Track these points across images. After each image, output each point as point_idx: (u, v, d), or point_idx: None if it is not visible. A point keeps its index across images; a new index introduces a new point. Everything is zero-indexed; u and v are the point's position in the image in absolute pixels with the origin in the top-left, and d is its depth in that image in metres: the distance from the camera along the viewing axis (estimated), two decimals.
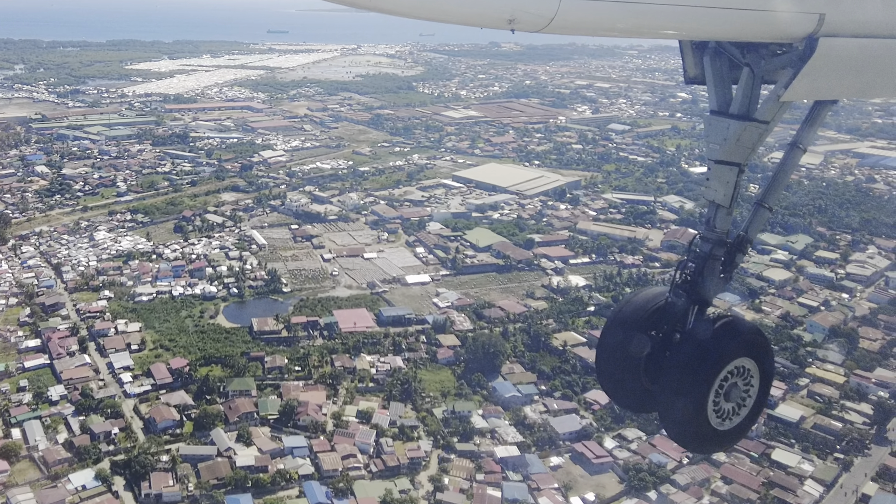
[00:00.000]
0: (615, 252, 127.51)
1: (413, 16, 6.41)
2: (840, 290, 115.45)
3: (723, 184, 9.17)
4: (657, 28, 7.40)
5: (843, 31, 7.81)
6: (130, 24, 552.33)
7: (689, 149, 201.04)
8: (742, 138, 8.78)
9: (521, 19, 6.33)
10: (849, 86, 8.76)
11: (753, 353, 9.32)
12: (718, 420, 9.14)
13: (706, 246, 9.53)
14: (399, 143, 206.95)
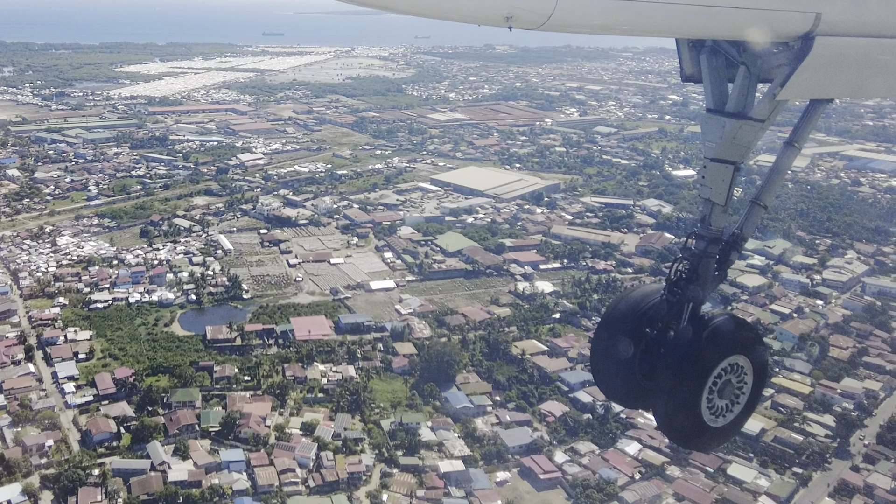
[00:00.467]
0: (588, 257, 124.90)
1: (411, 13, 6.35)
2: (815, 296, 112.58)
3: (718, 182, 9.12)
4: (654, 26, 7.37)
5: (840, 30, 7.78)
6: (127, 27, 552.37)
7: (675, 152, 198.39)
8: (738, 137, 8.74)
9: (518, 17, 6.28)
10: (845, 85, 8.65)
11: (747, 351, 9.32)
12: (712, 417, 9.15)
13: (701, 244, 9.50)
14: (381, 146, 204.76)
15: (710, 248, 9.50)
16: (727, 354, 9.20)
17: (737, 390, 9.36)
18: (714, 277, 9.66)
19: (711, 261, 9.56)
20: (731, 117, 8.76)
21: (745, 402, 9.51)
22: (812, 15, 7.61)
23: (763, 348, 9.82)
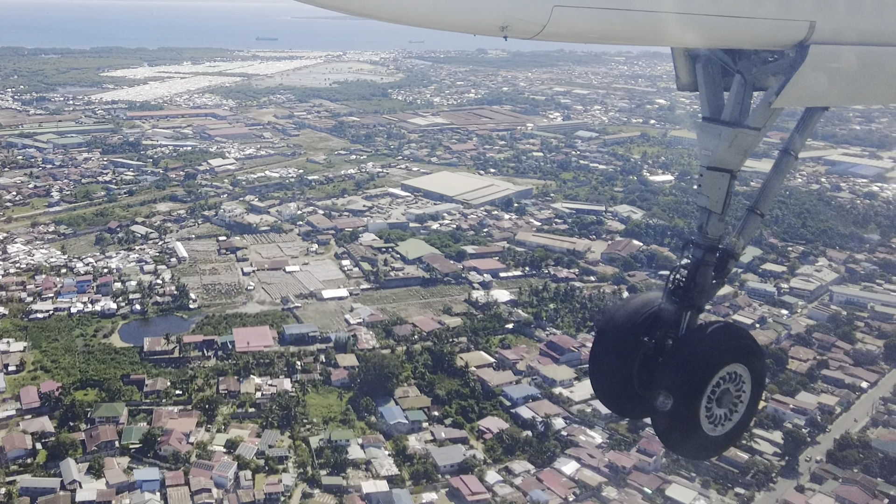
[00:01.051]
0: (550, 265, 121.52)
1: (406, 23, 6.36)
2: (780, 305, 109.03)
3: (714, 190, 9.19)
4: (649, 36, 7.43)
5: (834, 38, 7.83)
6: (121, 32, 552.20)
7: (655, 156, 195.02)
8: (734, 145, 8.77)
9: (513, 26, 6.35)
10: (840, 93, 8.55)
11: (745, 359, 9.22)
12: (711, 426, 9.03)
13: (698, 252, 9.49)
14: (357, 151, 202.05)
15: (707, 257, 9.44)
16: (725, 363, 9.06)
17: (735, 399, 9.23)
18: (712, 285, 9.57)
19: (709, 269, 9.50)
20: (728, 125, 8.72)
21: (744, 411, 9.37)
22: (806, 23, 7.59)
23: (761, 357, 9.67)
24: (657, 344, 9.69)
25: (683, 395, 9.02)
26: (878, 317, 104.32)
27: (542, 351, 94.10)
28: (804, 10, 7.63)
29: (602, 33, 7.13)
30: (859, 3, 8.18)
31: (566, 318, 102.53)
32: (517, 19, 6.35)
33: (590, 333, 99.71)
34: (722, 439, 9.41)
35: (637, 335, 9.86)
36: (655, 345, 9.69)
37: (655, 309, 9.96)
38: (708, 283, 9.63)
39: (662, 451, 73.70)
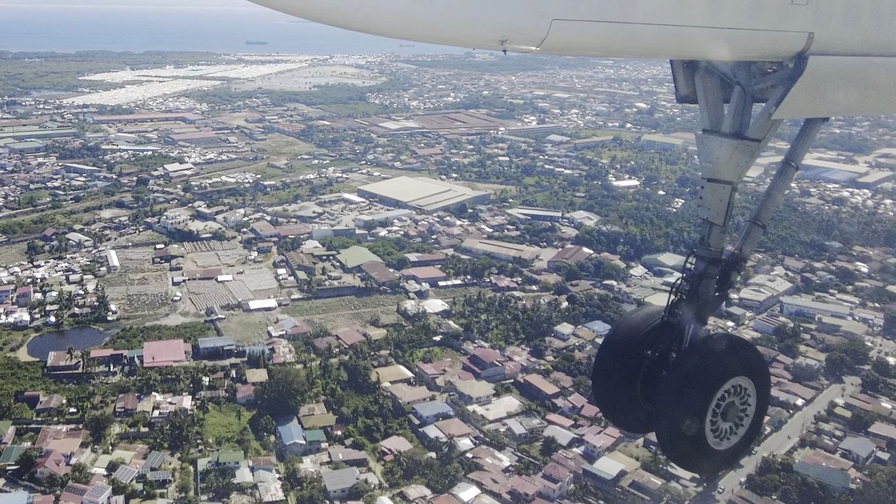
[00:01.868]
0: (494, 273, 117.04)
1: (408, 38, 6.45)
2: (726, 317, 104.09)
3: (716, 202, 9.10)
4: (648, 48, 7.51)
5: (833, 49, 7.86)
6: (114, 36, 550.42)
7: (624, 161, 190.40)
8: (734, 156, 8.75)
9: (513, 40, 6.38)
10: (839, 103, 8.58)
11: (750, 372, 9.12)
12: (716, 440, 8.94)
13: (701, 265, 9.43)
14: (322, 156, 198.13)
15: (709, 269, 9.37)
16: (730, 376, 8.92)
17: (740, 412, 9.08)
18: (715, 298, 9.46)
19: (712, 281, 9.40)
20: (728, 137, 8.72)
21: (750, 424, 9.19)
22: (805, 34, 7.63)
23: (765, 369, 9.52)
24: (661, 357, 9.58)
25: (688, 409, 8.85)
26: (826, 328, 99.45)
27: (464, 365, 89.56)
28: (802, 21, 7.59)
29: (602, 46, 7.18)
30: (857, 15, 8.09)
31: (496, 331, 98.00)
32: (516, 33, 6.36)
33: (519, 346, 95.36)
34: (727, 453, 9.21)
35: (640, 348, 9.79)
36: (659, 358, 9.58)
37: (658, 322, 9.87)
38: (711, 296, 9.50)
39: (569, 476, 69.20)
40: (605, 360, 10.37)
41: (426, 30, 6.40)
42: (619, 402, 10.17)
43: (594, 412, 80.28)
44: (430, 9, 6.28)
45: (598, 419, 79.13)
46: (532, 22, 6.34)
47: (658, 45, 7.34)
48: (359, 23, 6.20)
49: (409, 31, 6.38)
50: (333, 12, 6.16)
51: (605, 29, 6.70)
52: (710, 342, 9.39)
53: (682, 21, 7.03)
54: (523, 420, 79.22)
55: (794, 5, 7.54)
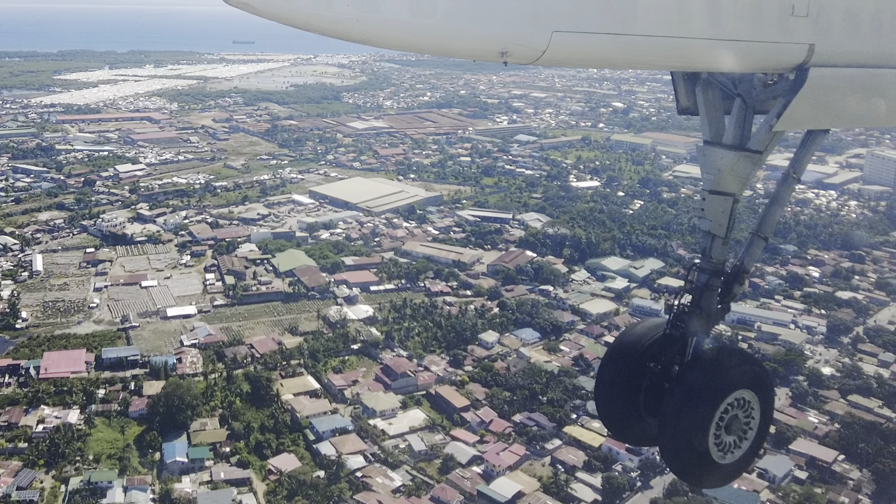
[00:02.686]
0: (428, 278, 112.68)
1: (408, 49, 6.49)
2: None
3: (718, 214, 9.10)
4: (649, 60, 7.56)
5: (834, 61, 7.89)
6: (102, 36, 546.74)
7: (589, 161, 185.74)
8: (736, 168, 8.79)
9: (513, 52, 6.38)
10: (840, 115, 8.67)
11: (753, 385, 9.10)
12: (720, 453, 8.89)
13: (703, 276, 9.40)
14: (282, 156, 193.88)
15: (712, 281, 9.33)
16: (733, 389, 8.91)
17: (744, 426, 9.07)
18: (717, 310, 9.44)
19: (714, 293, 9.39)
20: (729, 149, 8.77)
21: (754, 438, 9.15)
22: (805, 46, 7.67)
23: (769, 382, 9.50)
24: (664, 370, 9.46)
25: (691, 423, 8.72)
26: (764, 337, 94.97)
27: (376, 376, 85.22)
28: (803, 33, 7.57)
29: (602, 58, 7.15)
30: (857, 26, 8.07)
31: (418, 338, 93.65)
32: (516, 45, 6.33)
33: (439, 355, 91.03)
34: (731, 467, 9.03)
35: (643, 361, 9.67)
36: (662, 371, 9.47)
37: (661, 335, 9.69)
38: (713, 308, 9.37)
39: (458, 499, 64.80)
40: (607, 373, 10.27)
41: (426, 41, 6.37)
42: (622, 415, 10.10)
43: (502, 427, 76.04)
44: (430, 20, 6.23)
45: (506, 435, 74.86)
46: (532, 34, 6.34)
47: (659, 57, 7.34)
48: (358, 34, 6.15)
49: (409, 43, 6.39)
50: (333, 24, 6.10)
51: (606, 41, 6.67)
52: (713, 355, 9.35)
53: (682, 33, 6.99)
54: (425, 435, 74.86)
55: (795, 17, 7.54)
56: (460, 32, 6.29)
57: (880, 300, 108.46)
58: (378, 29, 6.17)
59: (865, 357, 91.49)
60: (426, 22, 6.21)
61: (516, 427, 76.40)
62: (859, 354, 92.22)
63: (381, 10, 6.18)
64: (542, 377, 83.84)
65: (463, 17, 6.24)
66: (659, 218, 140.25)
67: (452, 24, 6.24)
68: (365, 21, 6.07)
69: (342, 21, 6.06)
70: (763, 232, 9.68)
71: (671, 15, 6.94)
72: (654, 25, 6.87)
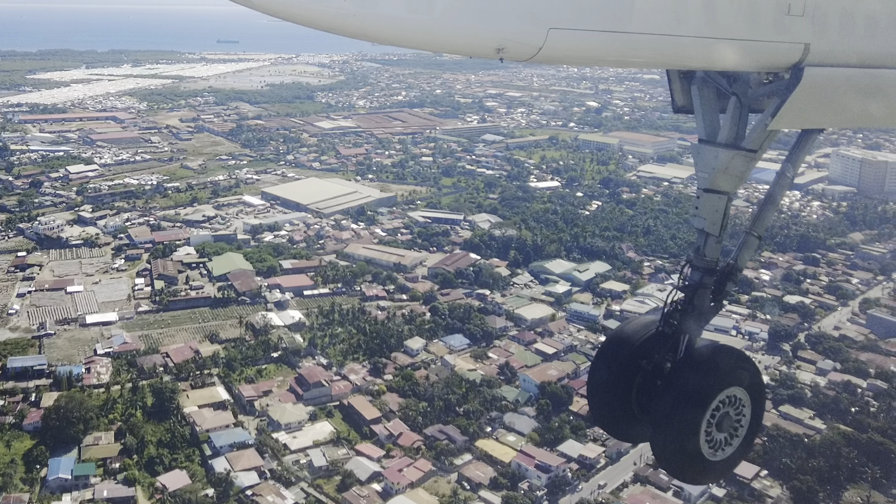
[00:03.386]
0: (366, 281, 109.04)
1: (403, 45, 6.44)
2: (601, 331, 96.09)
3: (712, 212, 9.08)
4: (645, 58, 7.59)
5: (829, 60, 7.90)
6: (85, 35, 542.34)
7: (552, 161, 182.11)
8: (730, 167, 8.80)
9: (509, 49, 6.38)
10: (835, 115, 8.71)
11: (744, 383, 9.16)
12: (711, 451, 8.91)
13: (696, 275, 9.36)
14: (244, 156, 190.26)
15: (705, 279, 9.28)
16: (725, 387, 8.96)
17: (735, 423, 9.08)
18: (710, 308, 9.42)
19: (707, 291, 9.34)
20: (724, 148, 8.75)
21: (745, 435, 9.19)
22: (801, 46, 7.70)
23: (760, 380, 9.55)
24: (656, 367, 9.40)
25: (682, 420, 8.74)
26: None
27: (290, 386, 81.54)
28: (799, 32, 7.55)
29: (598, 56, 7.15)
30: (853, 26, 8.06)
31: (340, 346, 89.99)
32: (513, 42, 6.31)
33: (359, 363, 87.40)
34: (722, 464, 9.03)
35: (635, 359, 9.62)
36: (654, 368, 9.42)
37: (653, 332, 9.62)
38: (706, 306, 9.27)
39: None
40: (599, 371, 10.18)
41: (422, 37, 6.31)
42: (614, 413, 9.92)
43: (412, 441, 72.44)
44: (427, 16, 6.23)
45: (414, 449, 71.23)
46: (529, 31, 6.33)
47: (655, 55, 7.29)
48: (354, 29, 6.09)
49: (405, 39, 6.33)
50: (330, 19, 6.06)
51: (602, 38, 6.67)
52: (705, 353, 9.28)
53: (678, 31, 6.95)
54: (329, 450, 71.20)
55: (791, 16, 7.53)
56: (456, 29, 6.25)
57: (829, 304, 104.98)
58: (374, 24, 6.14)
59: (804, 364, 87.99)
60: (422, 18, 6.20)
61: (427, 440, 72.76)
62: (798, 362, 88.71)
63: (378, 5, 6.12)
64: (462, 387, 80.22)
65: (459, 14, 6.20)
66: (614, 219, 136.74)
67: (448, 21, 6.21)
68: (361, 16, 6.03)
69: (339, 16, 6.01)
70: (756, 230, 9.54)
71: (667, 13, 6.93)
72: (651, 23, 6.85)
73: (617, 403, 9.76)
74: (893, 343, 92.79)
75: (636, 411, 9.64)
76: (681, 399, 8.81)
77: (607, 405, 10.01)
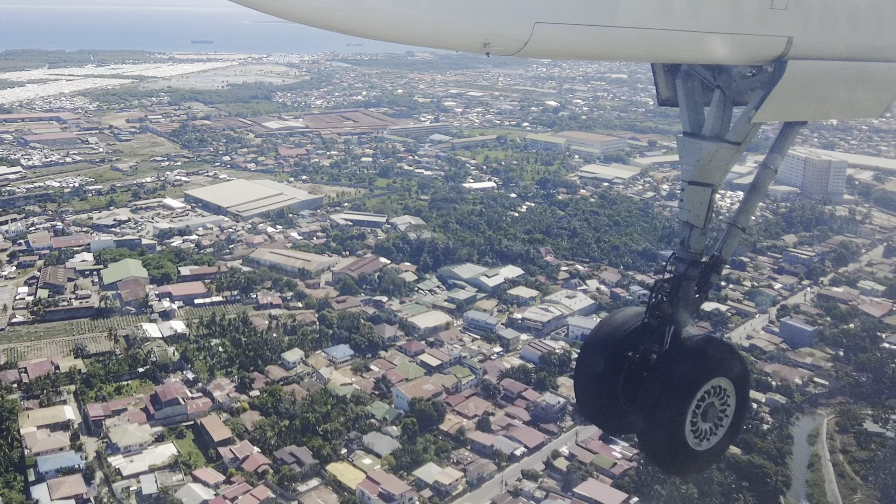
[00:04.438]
0: (264, 288, 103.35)
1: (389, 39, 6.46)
2: (496, 341, 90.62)
3: (696, 204, 9.17)
4: (630, 52, 7.64)
5: (811, 53, 7.96)
6: (58, 35, 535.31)
7: (494, 162, 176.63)
8: (714, 159, 8.88)
9: (496, 43, 6.41)
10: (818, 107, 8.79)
11: (729, 373, 9.26)
12: (696, 440, 9.07)
13: (681, 267, 9.46)
14: (181, 157, 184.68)
15: (690, 271, 9.38)
16: (709, 377, 9.07)
17: (720, 413, 9.22)
18: (695, 300, 9.51)
19: (692, 283, 9.43)
20: (708, 140, 8.83)
21: (729, 426, 9.32)
22: (784, 39, 7.75)
23: (745, 370, 9.62)
24: (642, 359, 9.57)
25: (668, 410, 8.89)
26: None
27: (144, 404, 75.75)
28: (781, 26, 7.69)
29: (584, 50, 7.14)
30: (834, 20, 8.15)
31: (210, 359, 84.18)
32: (499, 36, 6.37)
33: (229, 377, 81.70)
34: (707, 454, 9.25)
35: (622, 350, 9.74)
36: (640, 360, 9.58)
37: (639, 324, 9.77)
38: (691, 298, 9.44)
39: None
40: (586, 362, 10.27)
41: (409, 32, 6.35)
42: (601, 404, 10.05)
43: (257, 465, 66.73)
44: (414, 11, 6.25)
45: (258, 474, 65.50)
46: (514, 25, 6.37)
47: (639, 49, 7.38)
48: (342, 24, 6.17)
49: (392, 34, 6.37)
50: (319, 14, 6.09)
51: (587, 32, 6.70)
52: (690, 344, 9.44)
53: (663, 25, 7.04)
54: (164, 476, 65.40)
55: (774, 10, 7.60)
56: (443, 23, 6.27)
57: (746, 312, 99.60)
58: (362, 19, 6.14)
59: None
60: (409, 12, 6.18)
61: (275, 464, 67.06)
62: None
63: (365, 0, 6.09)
64: (327, 404, 74.52)
65: (445, 8, 6.21)
66: (542, 221, 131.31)
67: (434, 15, 6.22)
68: (349, 11, 6.04)
69: (327, 11, 6.01)
70: (740, 223, 9.56)
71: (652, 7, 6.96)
72: (636, 17, 6.88)
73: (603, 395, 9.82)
74: (803, 353, 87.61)
75: (623, 403, 9.68)
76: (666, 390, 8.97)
77: (594, 397, 10.09)
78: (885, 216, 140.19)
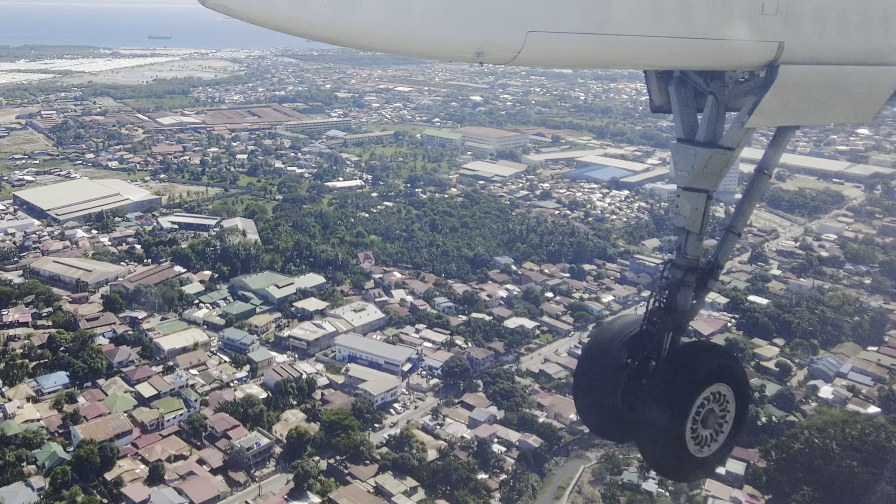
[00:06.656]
0: (26, 303, 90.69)
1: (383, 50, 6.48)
2: (246, 363, 77.79)
3: (692, 210, 9.02)
4: (623, 59, 7.55)
5: (803, 58, 7.92)
6: (14, 31, 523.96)
7: (377, 159, 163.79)
8: (709, 165, 8.75)
9: (489, 52, 6.39)
10: (810, 111, 8.77)
11: (728, 379, 9.11)
12: (697, 447, 8.89)
13: (678, 273, 9.30)
14: (46, 155, 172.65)
15: (687, 277, 9.23)
16: (709, 383, 8.92)
17: (720, 419, 9.07)
18: (692, 306, 9.37)
19: (689, 290, 9.31)
20: (702, 146, 8.73)
21: (729, 432, 9.18)
22: (775, 44, 7.72)
23: (744, 376, 9.44)
24: (641, 365, 9.45)
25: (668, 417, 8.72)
26: (352, 382, 73.07)
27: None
28: (773, 31, 7.67)
29: (576, 58, 7.16)
30: (826, 24, 8.15)
31: None
32: (492, 46, 6.33)
33: None
34: (708, 461, 9.09)
35: (620, 357, 9.62)
36: (639, 366, 9.45)
37: (638, 331, 9.64)
38: (688, 304, 9.28)
39: None
40: (585, 370, 10.10)
41: (402, 43, 6.34)
42: (600, 411, 9.84)
43: None
44: (407, 22, 6.19)
45: None
46: (507, 34, 6.35)
47: (632, 56, 7.32)
48: (335, 36, 6.15)
49: (385, 45, 6.36)
50: (310, 26, 6.05)
51: (580, 41, 6.69)
52: (688, 350, 9.35)
53: (655, 32, 7.02)
54: None
55: (765, 16, 7.59)
56: (436, 34, 6.25)
57: (560, 330, 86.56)
58: (355, 31, 6.13)
59: (459, 411, 69.66)
60: (402, 23, 6.16)
61: None
62: (457, 407, 70.40)
63: (358, 11, 6.06)
64: None
65: (438, 19, 6.20)
66: (383, 222, 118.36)
67: (428, 26, 6.20)
68: (342, 22, 6.03)
69: (319, 23, 6.00)
70: (735, 228, 9.48)
71: (644, 14, 6.93)
72: (628, 25, 6.84)
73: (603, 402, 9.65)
74: None
75: (622, 410, 9.48)
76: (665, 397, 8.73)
77: (593, 404, 9.92)
78: (770, 216, 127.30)
